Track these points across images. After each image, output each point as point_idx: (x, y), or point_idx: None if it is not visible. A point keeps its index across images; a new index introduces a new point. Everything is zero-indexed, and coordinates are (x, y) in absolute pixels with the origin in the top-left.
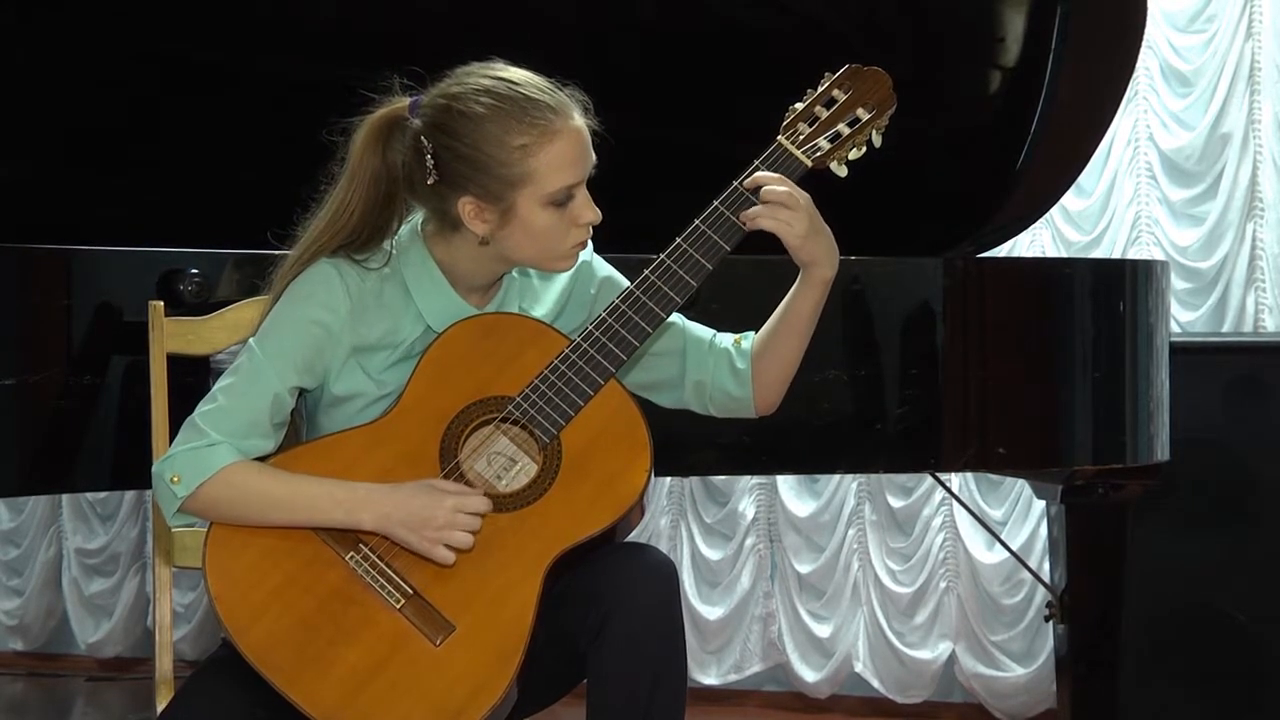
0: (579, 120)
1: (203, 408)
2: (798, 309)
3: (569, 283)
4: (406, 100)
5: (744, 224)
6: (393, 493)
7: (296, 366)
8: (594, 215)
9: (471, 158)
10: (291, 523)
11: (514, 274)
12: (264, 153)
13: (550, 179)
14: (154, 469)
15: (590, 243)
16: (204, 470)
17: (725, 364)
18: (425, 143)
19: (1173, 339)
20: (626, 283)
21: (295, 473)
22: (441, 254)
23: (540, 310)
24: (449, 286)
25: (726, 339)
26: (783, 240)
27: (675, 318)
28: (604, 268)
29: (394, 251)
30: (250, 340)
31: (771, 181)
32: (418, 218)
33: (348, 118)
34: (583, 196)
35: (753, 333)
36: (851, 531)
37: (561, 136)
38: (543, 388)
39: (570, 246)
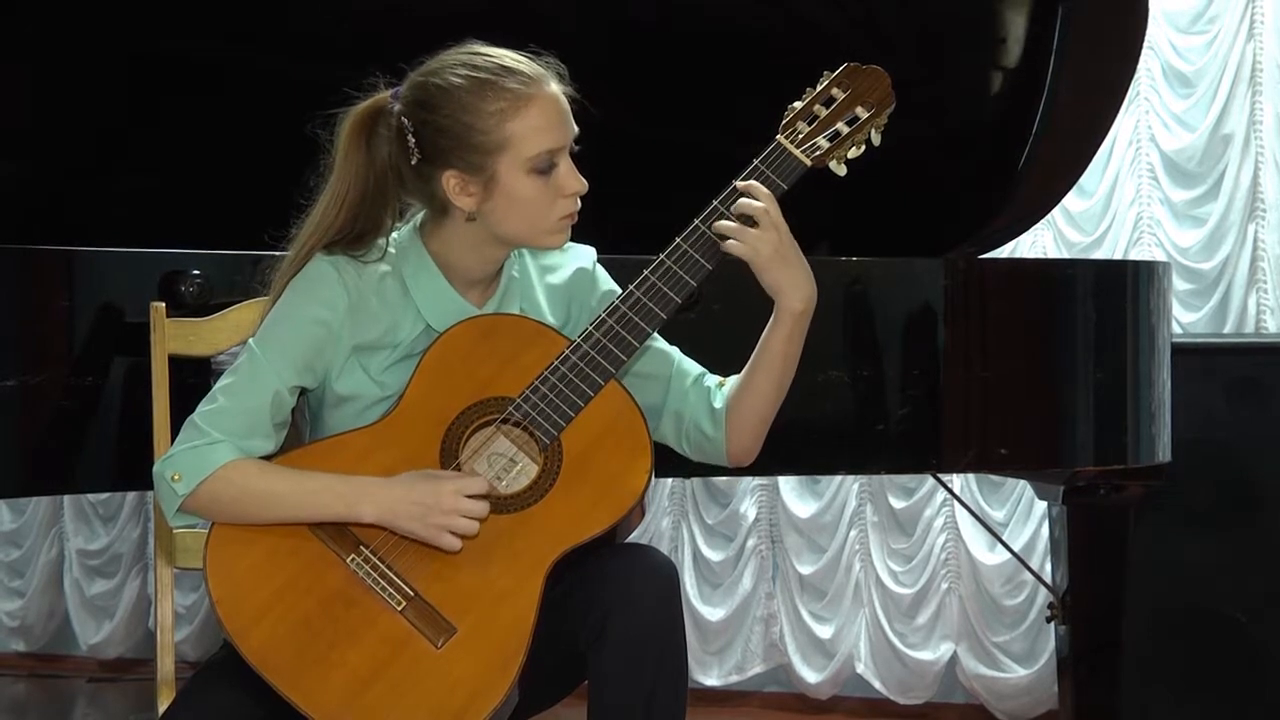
0: (555, 86)
1: (203, 408)
2: (769, 345)
3: (570, 287)
4: (388, 93)
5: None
6: (393, 484)
7: (296, 365)
8: (579, 185)
9: (450, 129)
10: (293, 518)
11: (514, 272)
12: (265, 153)
13: (529, 143)
14: (154, 469)
15: (595, 254)
16: (204, 468)
17: (705, 400)
18: (406, 122)
19: (1174, 340)
20: None
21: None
22: (437, 247)
23: (541, 316)
24: (446, 283)
25: (712, 379)
26: (749, 264)
27: (668, 348)
28: (607, 281)
29: (391, 249)
30: (250, 340)
31: (756, 196)
32: (417, 218)
33: (331, 113)
34: (566, 165)
35: (736, 376)
36: (853, 532)
37: (537, 101)
38: (543, 389)
39: (558, 219)
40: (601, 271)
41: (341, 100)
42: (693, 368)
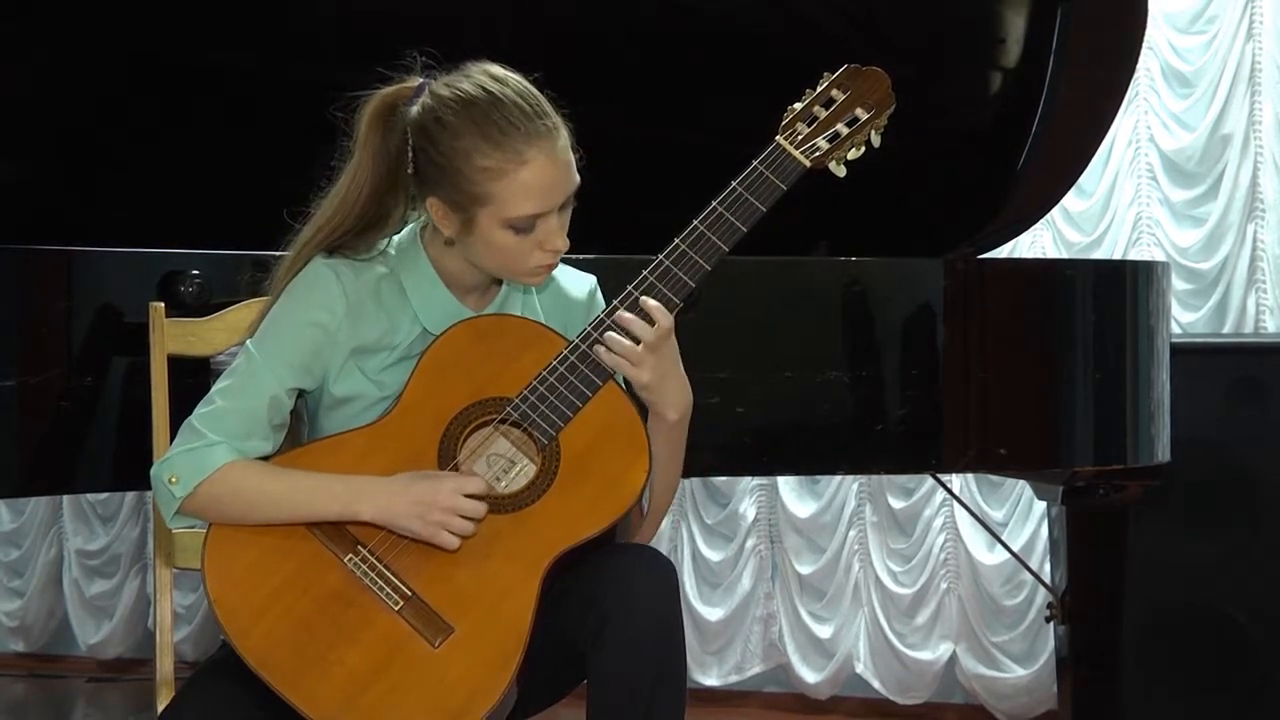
0: (555, 152)
1: (200, 410)
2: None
3: (569, 307)
4: (417, 82)
5: (744, 228)
6: (391, 483)
7: (294, 368)
8: (560, 245)
9: (441, 165)
10: (291, 518)
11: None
12: (265, 154)
13: (511, 205)
14: (152, 471)
15: (595, 281)
16: (202, 470)
17: None
18: (410, 136)
19: (1173, 340)
20: None
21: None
22: (435, 252)
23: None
24: (444, 289)
25: None
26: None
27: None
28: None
29: (391, 251)
30: (247, 342)
31: (652, 313)
32: (419, 221)
33: (363, 92)
34: (552, 224)
35: None
36: (852, 532)
37: (529, 167)
38: (541, 389)
39: (533, 266)
40: (601, 299)
41: (346, 101)
42: None
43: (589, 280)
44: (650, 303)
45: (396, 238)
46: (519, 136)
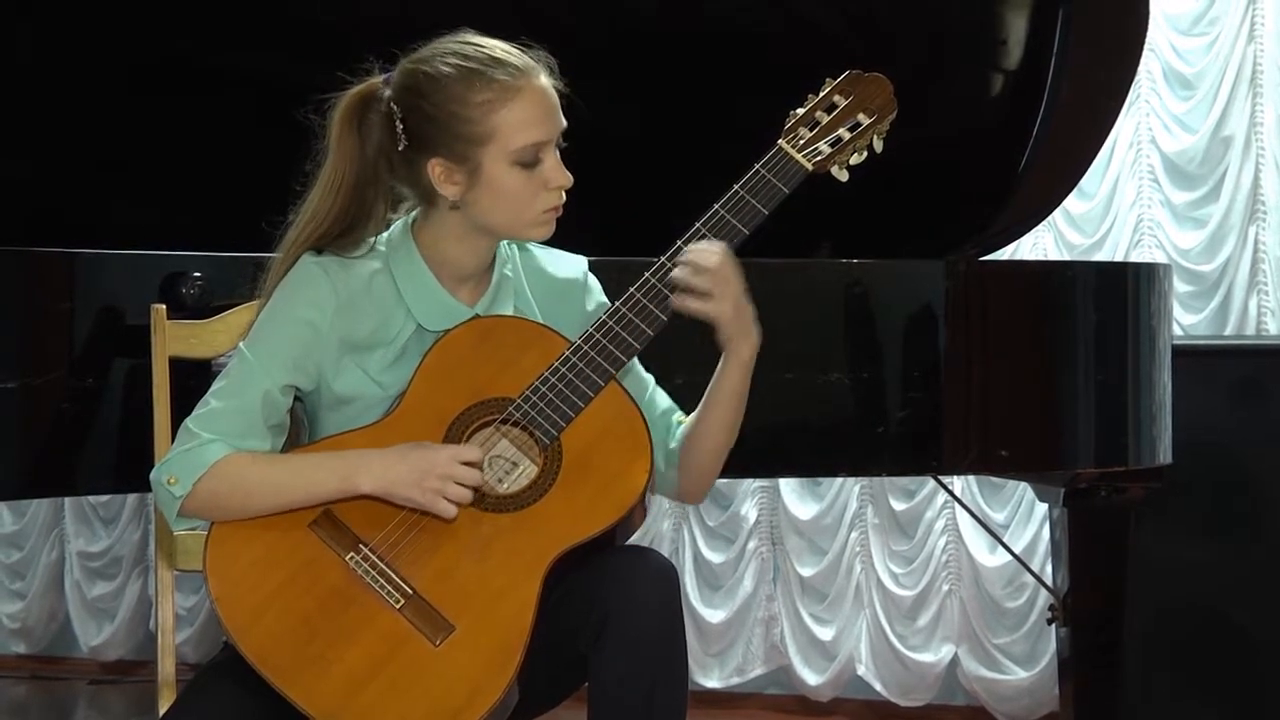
0: (544, 80)
1: (196, 412)
2: (721, 389)
3: (562, 294)
4: (381, 78)
5: (745, 230)
6: (387, 453)
7: (285, 365)
8: (564, 179)
9: (437, 117)
10: (292, 503)
11: (506, 271)
12: (266, 155)
13: (515, 135)
14: (152, 475)
15: (586, 263)
16: (198, 467)
17: (664, 436)
18: (395, 108)
19: (1175, 342)
20: None
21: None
22: (427, 241)
23: (534, 317)
24: (435, 282)
25: (678, 415)
26: (710, 319)
27: (645, 375)
28: (600, 294)
29: (382, 247)
30: (240, 344)
31: (704, 255)
32: (410, 215)
33: (324, 98)
34: (552, 159)
35: (693, 415)
36: (854, 534)
37: (525, 93)
38: (543, 389)
39: (542, 211)
40: (594, 281)
41: (337, 87)
42: (663, 400)
43: (581, 262)
44: (699, 246)
45: (386, 234)
46: (510, 67)
